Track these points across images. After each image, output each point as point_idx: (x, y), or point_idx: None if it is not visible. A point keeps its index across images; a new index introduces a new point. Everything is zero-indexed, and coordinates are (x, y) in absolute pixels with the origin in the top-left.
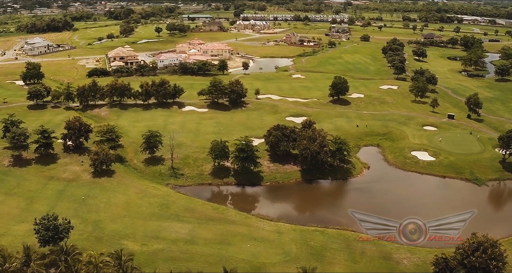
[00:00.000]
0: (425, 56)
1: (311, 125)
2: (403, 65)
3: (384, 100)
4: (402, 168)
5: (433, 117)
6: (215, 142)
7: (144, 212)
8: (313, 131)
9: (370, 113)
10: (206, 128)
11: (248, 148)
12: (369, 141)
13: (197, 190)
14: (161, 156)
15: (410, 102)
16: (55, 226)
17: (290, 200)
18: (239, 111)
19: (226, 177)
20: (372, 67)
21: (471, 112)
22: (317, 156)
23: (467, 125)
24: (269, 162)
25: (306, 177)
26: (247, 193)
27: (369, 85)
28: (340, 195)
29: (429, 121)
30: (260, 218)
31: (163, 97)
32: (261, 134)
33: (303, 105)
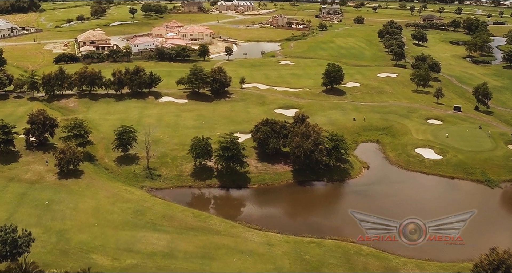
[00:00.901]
0: (425, 41)
1: (304, 119)
2: (402, 50)
3: (382, 90)
4: (406, 168)
5: (437, 109)
6: (196, 139)
7: (116, 220)
8: (306, 126)
9: (367, 104)
10: (185, 121)
11: (233, 146)
12: (368, 137)
13: (176, 193)
14: (136, 155)
15: (412, 92)
16: (14, 239)
17: (281, 205)
18: (223, 102)
19: (209, 178)
20: (368, 53)
21: (479, 103)
22: (311, 155)
23: (475, 118)
24: (257, 161)
25: (299, 178)
26: (232, 197)
27: (365, 72)
28: (337, 199)
29: (434, 114)
30: (247, 227)
31: (138, 86)
32: (247, 129)
33: (293, 96)
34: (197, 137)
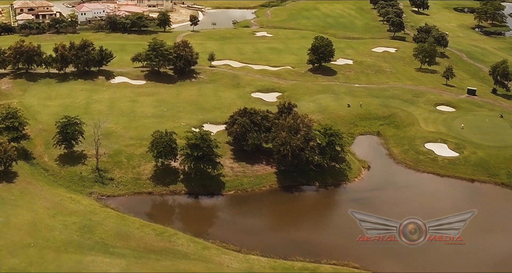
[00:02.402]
0: (426, 7)
1: (291, 109)
2: (400, 20)
3: (380, 68)
4: (415, 168)
5: (448, 92)
6: (158, 134)
7: (57, 239)
8: (294, 118)
9: (363, 87)
10: (143, 108)
11: (204, 144)
12: (366, 128)
13: (132, 202)
14: (82, 152)
15: (415, 71)
16: None
17: (264, 218)
18: (188, 84)
19: (173, 183)
20: (359, 22)
21: (497, 85)
22: (301, 154)
23: (494, 104)
24: (232, 161)
25: (285, 182)
26: (203, 207)
27: (358, 47)
28: (332, 209)
29: (444, 99)
30: (223, 248)
31: (85, 64)
32: (219, 118)
33: (274, 76)
34: (159, 131)
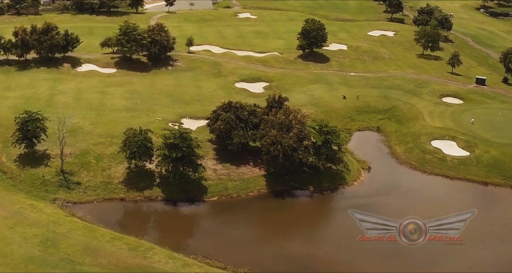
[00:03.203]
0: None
1: (281, 103)
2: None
3: (378, 55)
4: (421, 169)
5: (454, 82)
6: (131, 132)
7: (16, 255)
8: (286, 113)
9: (360, 75)
10: (114, 101)
11: (184, 144)
12: (365, 123)
13: (102, 210)
14: (45, 152)
15: (417, 58)
16: None
17: (252, 228)
18: (164, 73)
19: (149, 188)
20: (353, 2)
21: (509, 74)
22: (293, 155)
23: (507, 96)
24: (215, 162)
25: (275, 186)
26: (182, 216)
27: (352, 30)
28: (329, 218)
29: (450, 89)
30: (206, 265)
31: (49, 50)
32: (199, 112)
33: (260, 63)
34: (132, 129)
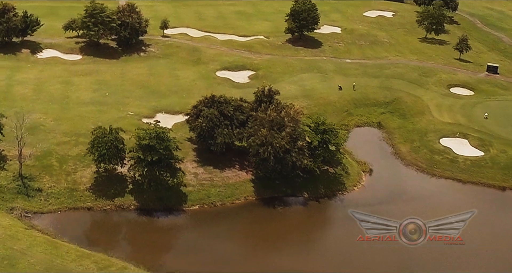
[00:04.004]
0: None
1: (272, 97)
2: None
3: (376, 39)
4: (429, 172)
5: (463, 70)
6: (100, 131)
7: None
8: (277, 109)
9: (357, 62)
10: (80, 93)
11: (161, 145)
12: (364, 117)
13: (67, 222)
14: (1, 153)
15: (419, 42)
16: None
17: (238, 243)
18: (136, 60)
19: (120, 195)
20: None
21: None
22: (286, 157)
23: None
24: (196, 165)
25: (265, 193)
26: (159, 229)
27: (345, 10)
28: (326, 230)
29: (459, 78)
30: None
31: (5, 34)
32: (176, 106)
33: (244, 49)
34: (101, 127)
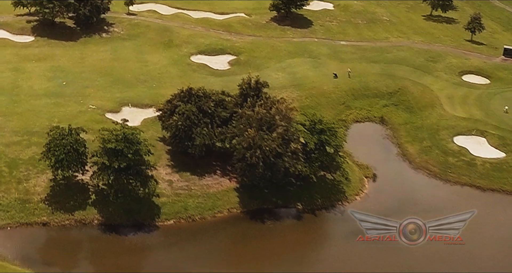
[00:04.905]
0: None
1: (259, 90)
2: None
3: (374, 17)
4: (442, 177)
5: (475, 53)
6: (57, 132)
7: None
8: (266, 105)
9: (353, 45)
10: (33, 82)
11: (130, 149)
12: (364, 111)
13: (18, 240)
14: None
15: (424, 20)
16: None
17: (221, 267)
18: (97, 43)
19: (81, 208)
20: None
21: None
22: (277, 162)
23: None
24: (170, 170)
25: (251, 204)
26: (127, 248)
27: None
28: (324, 251)
29: (472, 64)
30: None
31: None
32: (145, 98)
33: (222, 28)
34: (59, 127)
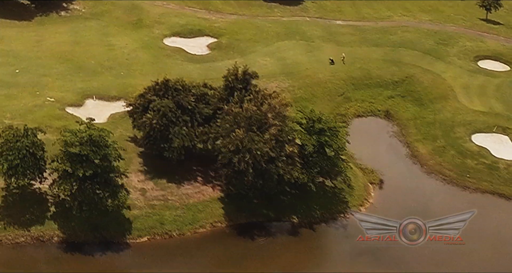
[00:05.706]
0: None
1: (248, 82)
2: None
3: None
4: (460, 183)
5: (492, 35)
6: (11, 133)
7: None
8: (256, 100)
9: (351, 25)
10: None
11: (98, 154)
12: (366, 104)
13: None
14: None
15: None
16: None
17: None
18: (56, 23)
19: (39, 222)
20: None
21: None
22: (269, 168)
23: None
24: (144, 176)
25: (238, 217)
26: (93, 270)
27: None
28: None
29: (488, 48)
30: None
31: None
32: (112, 88)
33: (199, 6)
34: (13, 128)
